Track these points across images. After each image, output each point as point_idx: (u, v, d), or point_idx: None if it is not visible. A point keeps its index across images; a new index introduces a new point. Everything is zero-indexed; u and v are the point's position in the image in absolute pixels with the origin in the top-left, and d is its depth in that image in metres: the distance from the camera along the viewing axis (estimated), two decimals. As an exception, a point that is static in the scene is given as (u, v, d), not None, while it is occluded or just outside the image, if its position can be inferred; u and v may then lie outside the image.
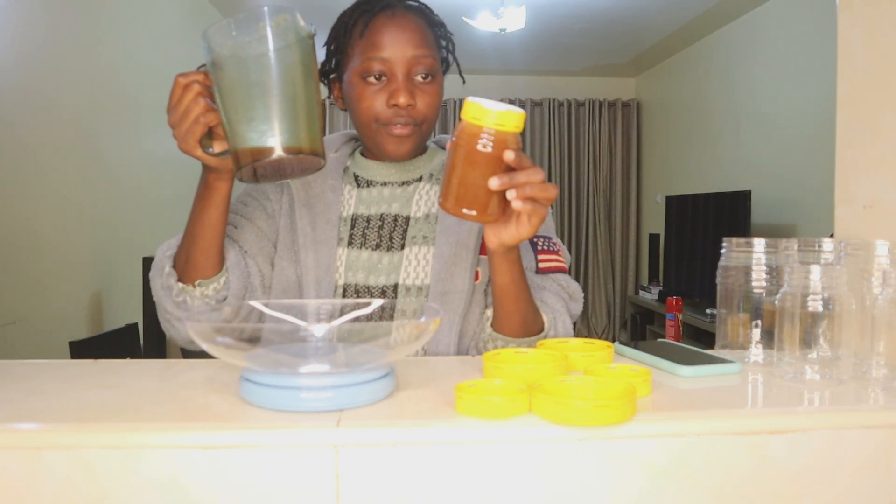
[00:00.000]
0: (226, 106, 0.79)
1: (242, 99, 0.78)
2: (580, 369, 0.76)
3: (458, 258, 1.04)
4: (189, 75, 0.82)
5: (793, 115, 3.97)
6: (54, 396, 0.68)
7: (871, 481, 0.64)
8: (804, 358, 0.74)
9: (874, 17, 0.90)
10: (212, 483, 0.57)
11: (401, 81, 1.00)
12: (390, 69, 1.00)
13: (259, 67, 0.78)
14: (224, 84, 0.79)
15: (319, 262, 1.04)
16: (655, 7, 4.48)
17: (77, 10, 2.76)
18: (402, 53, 1.00)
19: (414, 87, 1.01)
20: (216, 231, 0.94)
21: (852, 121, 0.93)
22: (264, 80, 0.78)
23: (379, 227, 1.07)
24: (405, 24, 1.01)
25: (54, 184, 2.56)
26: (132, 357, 2.38)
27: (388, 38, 1.00)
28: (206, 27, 0.79)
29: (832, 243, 0.81)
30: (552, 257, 1.08)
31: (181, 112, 0.82)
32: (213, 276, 0.96)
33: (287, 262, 1.06)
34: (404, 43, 1.00)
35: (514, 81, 6.41)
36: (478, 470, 0.59)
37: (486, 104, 0.78)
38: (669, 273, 5.15)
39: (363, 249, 1.06)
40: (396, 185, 1.10)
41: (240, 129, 0.79)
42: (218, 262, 0.97)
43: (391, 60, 1.00)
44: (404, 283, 1.04)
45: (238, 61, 0.78)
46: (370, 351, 0.66)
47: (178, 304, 0.97)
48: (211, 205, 0.92)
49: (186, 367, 0.83)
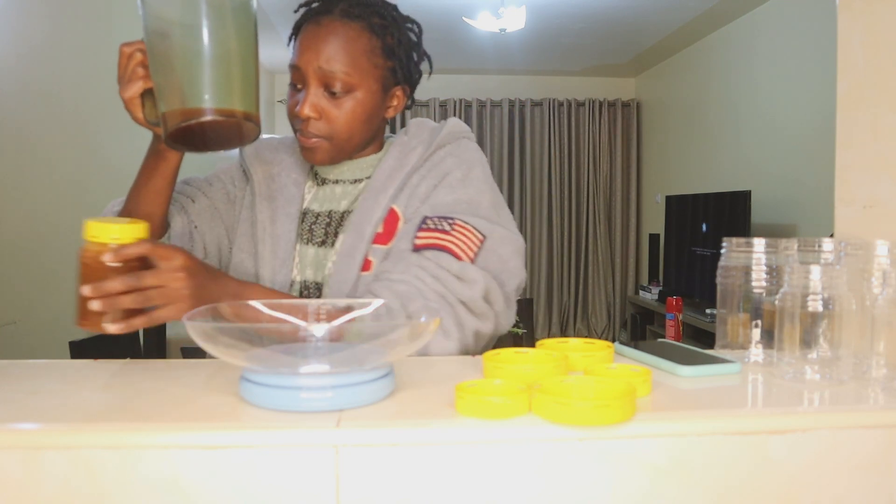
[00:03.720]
0: (157, 69, 0.79)
1: (172, 62, 0.78)
2: (580, 369, 0.76)
3: (355, 250, 1.03)
4: (132, 44, 0.83)
5: (793, 115, 3.97)
6: (54, 396, 0.68)
7: (871, 481, 0.64)
8: (804, 358, 0.74)
9: (874, 17, 0.90)
10: (212, 483, 0.57)
11: (307, 93, 0.99)
12: (302, 78, 1.00)
13: (187, 30, 0.77)
14: (157, 49, 0.78)
15: (276, 255, 1.05)
16: (655, 7, 4.48)
17: (77, 10, 2.76)
18: (311, 65, 0.98)
19: (321, 100, 0.99)
20: (160, 199, 0.96)
21: (852, 121, 0.93)
22: (193, 41, 0.77)
23: (326, 224, 1.08)
24: (326, 35, 0.98)
25: (54, 183, 2.56)
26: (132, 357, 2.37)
27: (303, 48, 0.99)
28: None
29: (832, 243, 0.81)
30: (433, 234, 0.97)
31: (126, 80, 0.84)
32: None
33: (246, 253, 1.07)
34: (317, 54, 0.98)
35: (514, 81, 6.41)
36: (478, 470, 0.58)
37: (94, 222, 0.78)
38: (669, 273, 5.15)
39: (310, 245, 1.07)
40: (348, 182, 1.10)
41: (169, 91, 0.78)
42: (158, 229, 0.99)
43: (302, 70, 0.99)
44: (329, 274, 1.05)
45: (166, 25, 0.77)
46: (370, 351, 0.66)
47: None
48: (158, 174, 0.94)
49: (186, 367, 0.83)
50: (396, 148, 1.10)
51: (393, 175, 1.06)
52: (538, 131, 6.44)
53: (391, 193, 1.04)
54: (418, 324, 0.66)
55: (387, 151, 1.11)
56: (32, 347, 2.33)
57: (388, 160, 1.08)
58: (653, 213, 6.15)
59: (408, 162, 1.06)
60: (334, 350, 0.66)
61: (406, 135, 1.11)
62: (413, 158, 1.07)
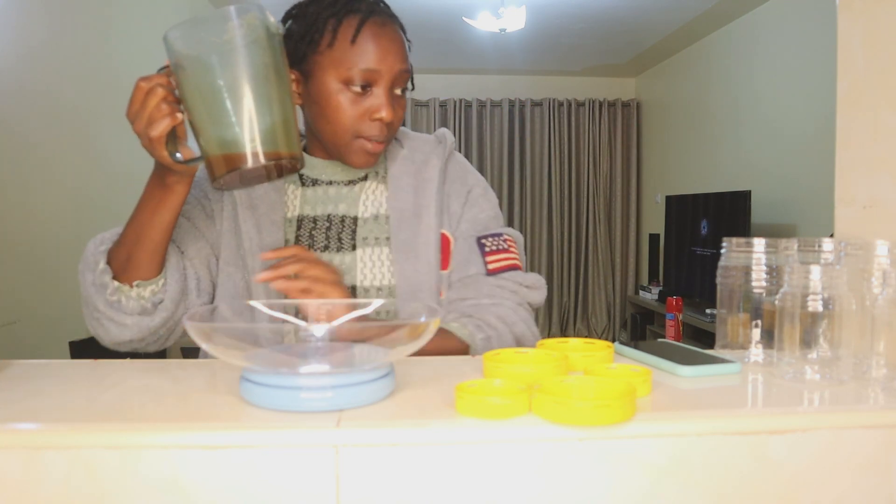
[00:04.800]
0: (196, 111, 0.76)
1: (214, 103, 0.75)
2: (580, 369, 0.76)
3: (421, 275, 1.02)
4: (151, 79, 0.78)
5: (793, 115, 3.97)
6: (54, 396, 0.68)
7: (871, 481, 0.64)
8: (804, 358, 0.74)
9: (874, 17, 0.90)
10: (212, 483, 0.57)
11: (386, 96, 0.98)
12: (378, 81, 0.97)
13: (230, 68, 0.74)
14: (192, 88, 0.75)
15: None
16: (655, 7, 4.48)
17: (77, 10, 2.76)
18: (392, 67, 0.97)
19: (394, 101, 0.99)
20: (166, 234, 0.91)
21: (852, 121, 0.93)
22: (237, 81, 0.74)
23: (326, 229, 1.05)
24: (394, 36, 0.99)
25: (54, 183, 2.56)
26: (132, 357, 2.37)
27: (381, 50, 0.97)
28: (168, 29, 0.75)
29: (832, 243, 0.81)
30: (501, 256, 1.07)
31: (146, 118, 0.78)
32: (152, 278, 0.94)
33: (234, 267, 1.02)
34: (395, 56, 0.98)
35: (514, 81, 6.41)
36: (478, 470, 0.58)
37: None
38: (669, 273, 5.15)
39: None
40: (342, 183, 1.08)
41: (213, 135, 0.75)
42: (160, 264, 0.94)
43: (382, 73, 0.97)
44: (362, 284, 1.03)
45: (206, 63, 0.74)
46: (370, 351, 0.66)
47: (111, 304, 0.93)
48: (166, 207, 0.89)
49: (186, 367, 0.83)
50: (400, 162, 1.10)
51: (422, 192, 1.06)
52: (538, 131, 6.44)
53: (434, 219, 1.05)
54: (418, 324, 0.66)
55: (385, 157, 1.11)
56: (32, 347, 2.33)
57: (395, 172, 1.08)
58: (653, 213, 6.15)
59: (429, 178, 1.07)
60: (334, 350, 0.66)
61: (403, 147, 1.11)
62: (433, 174, 1.08)
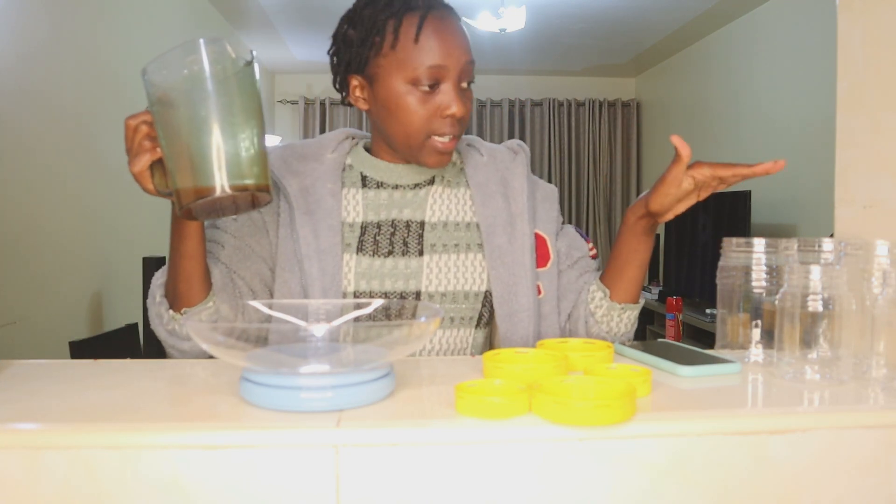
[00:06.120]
0: (166, 144, 0.76)
1: (180, 136, 0.75)
2: (580, 369, 0.76)
3: (517, 278, 1.04)
4: (137, 116, 0.80)
5: (793, 115, 3.97)
6: (54, 396, 0.68)
7: (871, 481, 0.64)
8: (804, 358, 0.74)
9: (874, 17, 0.90)
10: (212, 483, 0.57)
11: (456, 91, 0.97)
12: (445, 76, 0.96)
13: (193, 102, 0.74)
14: (163, 122, 0.76)
15: (325, 270, 1.00)
16: (655, 7, 4.48)
17: (77, 10, 2.76)
18: (458, 61, 0.96)
19: (462, 94, 0.98)
20: (195, 261, 0.92)
21: (852, 121, 0.93)
22: (200, 115, 0.74)
23: (391, 234, 1.04)
24: (456, 29, 0.97)
25: (54, 183, 2.56)
26: (132, 357, 2.37)
27: (447, 45, 0.95)
28: (146, 64, 0.75)
29: (832, 243, 0.81)
30: (591, 245, 1.17)
31: (133, 154, 0.80)
32: (199, 303, 0.94)
33: (290, 273, 1.02)
34: (460, 49, 0.96)
35: (514, 81, 6.41)
36: (478, 470, 0.58)
37: None
38: (669, 273, 5.15)
39: (375, 257, 1.02)
40: (408, 188, 1.07)
41: (179, 167, 0.76)
42: (202, 290, 0.95)
43: (449, 68, 0.95)
44: (427, 290, 1.03)
45: (172, 98, 0.75)
46: (370, 351, 0.66)
47: (169, 333, 0.96)
48: (185, 236, 0.90)
49: (186, 367, 0.83)
50: (483, 169, 1.11)
51: (514, 201, 1.09)
52: (538, 131, 6.44)
53: (528, 225, 1.07)
54: (418, 324, 0.66)
55: (464, 163, 1.11)
56: (32, 347, 2.33)
57: (480, 180, 1.10)
58: (653, 213, 6.14)
59: (518, 188, 1.10)
60: (334, 350, 0.66)
61: (482, 155, 1.12)
62: (522, 184, 1.10)
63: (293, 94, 6.28)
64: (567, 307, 1.10)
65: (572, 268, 1.13)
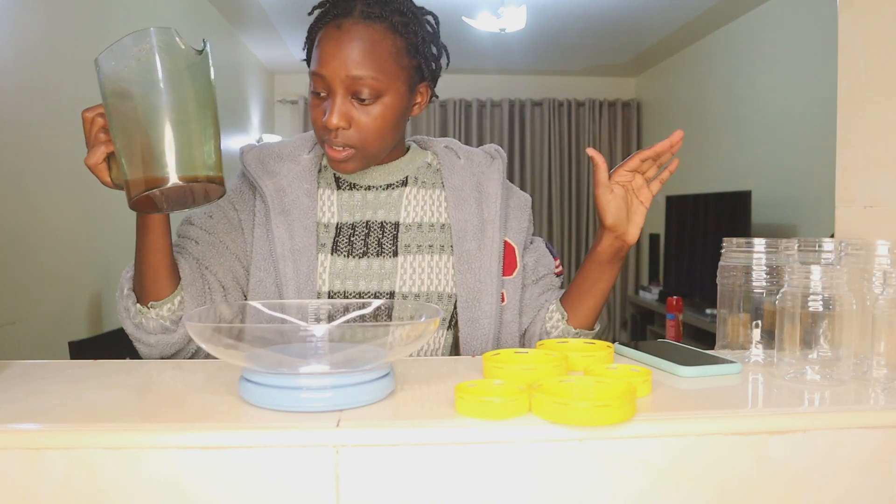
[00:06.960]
0: (116, 134, 0.76)
1: (130, 126, 0.75)
2: (580, 369, 0.76)
3: (483, 284, 1.04)
4: (93, 109, 0.80)
5: (793, 115, 3.97)
6: (54, 396, 0.68)
7: (871, 481, 0.63)
8: (804, 358, 0.74)
9: (874, 17, 0.90)
10: (212, 483, 0.57)
11: (335, 102, 0.95)
12: (328, 87, 0.96)
13: (142, 93, 0.74)
14: (113, 113, 0.76)
15: (299, 270, 1.00)
16: (655, 7, 4.48)
17: (77, 9, 2.76)
18: (338, 73, 0.94)
19: (350, 108, 0.96)
20: (160, 255, 0.92)
21: (852, 121, 0.93)
22: (149, 105, 0.74)
23: (366, 235, 1.05)
24: (349, 40, 0.95)
25: (54, 184, 2.56)
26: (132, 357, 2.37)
27: (328, 55, 0.95)
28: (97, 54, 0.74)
29: (832, 243, 0.81)
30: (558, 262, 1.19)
31: (89, 147, 0.81)
32: (165, 297, 0.95)
33: (264, 272, 1.02)
34: (343, 61, 0.94)
35: (514, 81, 6.41)
36: (478, 470, 0.58)
37: None
38: (669, 273, 5.15)
39: (350, 258, 1.03)
40: (381, 188, 1.08)
41: (130, 158, 0.75)
42: (169, 284, 0.95)
43: (328, 79, 0.95)
44: (400, 290, 1.03)
45: (121, 89, 0.74)
46: (370, 351, 0.66)
47: (136, 326, 0.96)
48: (149, 229, 0.91)
49: (186, 367, 0.83)
50: (421, 156, 1.11)
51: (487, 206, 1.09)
52: (538, 131, 6.44)
53: (499, 233, 1.08)
54: (418, 324, 0.66)
55: (413, 157, 1.11)
56: (32, 347, 2.33)
57: (419, 166, 1.10)
58: (653, 213, 6.13)
59: (492, 193, 1.10)
60: (334, 350, 0.66)
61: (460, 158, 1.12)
62: (496, 189, 1.10)
63: (293, 93, 6.29)
64: (525, 322, 1.11)
65: (536, 283, 1.14)
